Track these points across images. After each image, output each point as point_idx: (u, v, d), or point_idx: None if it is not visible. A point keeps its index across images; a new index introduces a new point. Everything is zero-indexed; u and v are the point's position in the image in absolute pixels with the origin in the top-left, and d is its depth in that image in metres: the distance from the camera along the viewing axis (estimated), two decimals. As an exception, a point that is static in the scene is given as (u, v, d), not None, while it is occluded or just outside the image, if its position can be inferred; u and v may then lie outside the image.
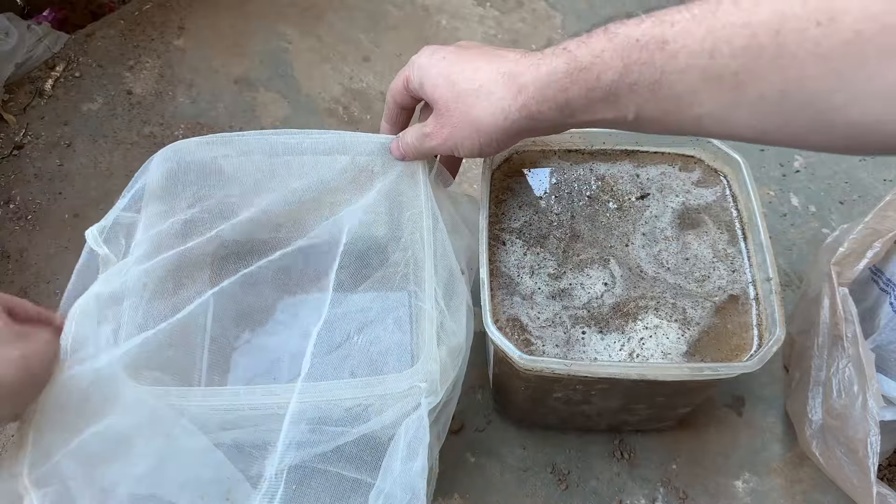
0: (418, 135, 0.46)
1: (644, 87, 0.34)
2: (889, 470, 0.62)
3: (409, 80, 0.45)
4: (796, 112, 0.31)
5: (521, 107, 0.38)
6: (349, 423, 0.42)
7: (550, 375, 0.48)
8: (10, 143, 0.82)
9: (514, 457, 0.64)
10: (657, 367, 0.48)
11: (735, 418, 0.66)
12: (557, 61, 0.36)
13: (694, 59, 0.32)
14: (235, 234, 0.53)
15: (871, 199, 0.78)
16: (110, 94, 0.87)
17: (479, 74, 0.40)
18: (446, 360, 0.44)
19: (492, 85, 0.39)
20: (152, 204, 0.49)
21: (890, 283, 0.57)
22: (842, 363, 0.54)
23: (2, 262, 0.74)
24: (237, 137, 0.51)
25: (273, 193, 0.52)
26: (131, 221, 0.48)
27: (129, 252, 0.47)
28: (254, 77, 0.89)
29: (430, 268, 0.47)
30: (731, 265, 0.53)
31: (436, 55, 0.43)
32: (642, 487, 0.62)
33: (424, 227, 0.48)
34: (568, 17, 0.96)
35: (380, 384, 0.41)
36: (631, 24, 0.34)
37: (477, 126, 0.41)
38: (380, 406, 0.42)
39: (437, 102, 0.42)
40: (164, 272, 0.49)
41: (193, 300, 0.48)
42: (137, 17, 0.94)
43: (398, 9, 0.96)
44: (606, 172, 0.58)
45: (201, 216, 0.51)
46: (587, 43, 0.36)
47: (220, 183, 0.52)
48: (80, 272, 0.46)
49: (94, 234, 0.46)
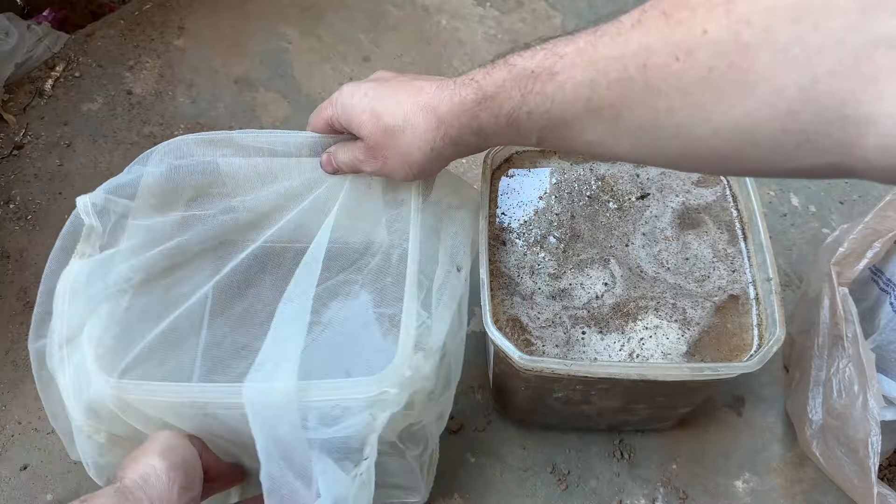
0: (352, 158, 0.48)
1: (539, 115, 0.37)
2: (889, 470, 0.62)
3: (334, 119, 0.47)
4: (668, 141, 0.33)
5: (444, 136, 0.42)
6: (320, 424, 0.42)
7: (550, 375, 0.48)
8: (10, 143, 0.82)
9: (514, 457, 0.63)
10: (657, 367, 0.48)
11: (735, 418, 0.66)
12: (467, 91, 0.39)
13: (578, 90, 0.34)
14: (230, 233, 0.53)
15: (871, 199, 0.78)
16: (110, 94, 0.86)
17: (401, 109, 0.42)
18: (422, 363, 0.43)
19: (414, 118, 0.42)
20: (148, 197, 0.50)
21: (890, 283, 0.57)
22: (842, 363, 0.54)
23: (2, 262, 0.74)
24: (235, 136, 0.51)
25: (271, 194, 0.52)
26: (124, 208, 0.48)
27: (120, 239, 0.47)
28: (254, 77, 0.89)
29: (413, 268, 0.47)
30: (731, 265, 0.53)
31: (357, 93, 0.45)
32: (642, 487, 0.62)
33: (412, 228, 0.49)
34: (568, 17, 0.96)
35: (350, 387, 0.41)
36: (527, 55, 0.37)
37: (406, 157, 0.44)
38: (346, 411, 0.42)
39: (366, 138, 0.45)
40: (156, 268, 0.49)
41: (185, 298, 0.48)
42: (137, 17, 0.94)
43: (398, 9, 0.96)
44: (606, 172, 0.58)
45: (196, 214, 0.51)
46: (491, 74, 0.38)
47: (217, 182, 0.52)
48: (65, 237, 0.47)
49: (87, 202, 0.47)
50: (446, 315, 0.47)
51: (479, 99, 0.39)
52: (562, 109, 0.35)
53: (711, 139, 0.31)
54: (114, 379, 0.41)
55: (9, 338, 0.69)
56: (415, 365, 0.43)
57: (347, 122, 0.46)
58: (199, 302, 0.49)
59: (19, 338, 0.69)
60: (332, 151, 0.50)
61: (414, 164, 0.44)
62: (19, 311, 0.71)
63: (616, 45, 0.32)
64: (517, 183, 0.57)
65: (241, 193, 0.52)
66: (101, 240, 0.47)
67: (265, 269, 0.55)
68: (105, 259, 0.47)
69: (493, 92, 0.38)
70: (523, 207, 0.56)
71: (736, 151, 0.30)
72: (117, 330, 0.46)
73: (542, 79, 0.35)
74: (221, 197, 0.52)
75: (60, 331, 0.43)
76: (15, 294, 0.72)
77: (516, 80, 0.37)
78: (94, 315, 0.44)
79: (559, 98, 0.35)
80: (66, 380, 0.42)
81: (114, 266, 0.47)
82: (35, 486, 0.62)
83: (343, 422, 0.42)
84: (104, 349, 0.44)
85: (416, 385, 0.43)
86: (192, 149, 0.51)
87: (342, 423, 0.42)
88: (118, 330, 0.46)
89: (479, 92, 0.39)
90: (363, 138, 0.45)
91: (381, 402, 0.41)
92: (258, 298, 0.54)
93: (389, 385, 0.41)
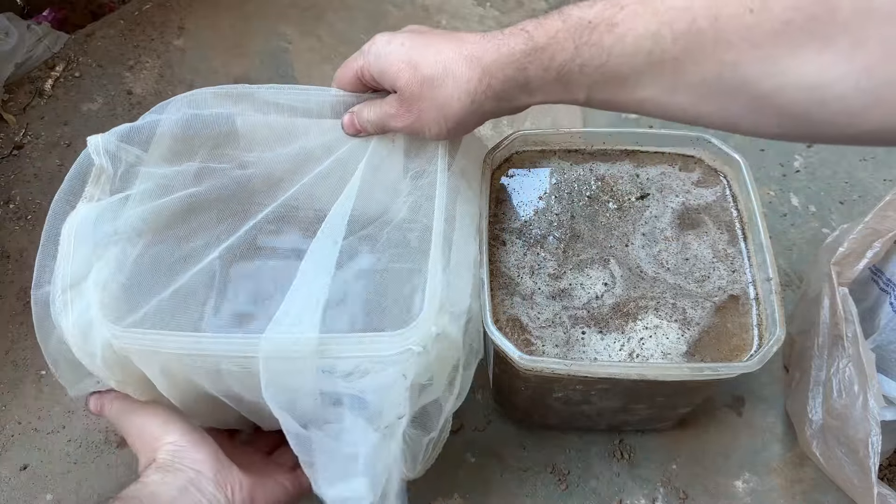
0: (381, 114, 0.45)
1: (592, 69, 0.35)
2: (889, 470, 0.62)
3: (364, 69, 0.44)
4: (731, 96, 0.31)
5: (487, 87, 0.39)
6: (342, 379, 0.41)
7: (550, 375, 0.48)
8: (10, 143, 0.82)
9: (514, 457, 0.63)
10: (657, 367, 0.48)
11: (735, 418, 0.66)
12: (516, 41, 0.37)
13: (639, 42, 0.32)
14: (244, 190, 0.51)
15: (871, 199, 0.78)
16: (110, 94, 0.87)
17: (442, 57, 0.39)
18: (448, 324, 0.41)
19: (456, 68, 0.39)
20: (162, 146, 0.48)
21: (890, 283, 0.57)
22: (842, 363, 0.54)
23: (2, 262, 0.74)
24: (255, 91, 0.49)
25: (286, 155, 0.50)
26: (135, 158, 0.47)
27: (129, 186, 0.46)
28: (254, 77, 0.89)
29: (439, 228, 0.45)
30: (731, 265, 0.53)
31: (393, 42, 0.42)
32: (642, 487, 0.62)
33: (437, 187, 0.46)
34: (568, 17, 0.96)
35: (373, 342, 0.39)
36: (584, 5, 0.35)
37: (444, 110, 0.41)
38: (368, 368, 0.40)
39: (401, 89, 0.42)
40: (167, 218, 0.47)
41: (198, 253, 0.46)
42: (137, 17, 0.94)
43: (398, 9, 0.96)
44: (606, 172, 0.58)
45: (210, 167, 0.49)
46: (543, 24, 0.36)
47: (232, 137, 0.50)
48: (73, 179, 0.45)
49: (98, 142, 0.45)
50: (468, 279, 0.45)
51: (528, 50, 0.36)
52: (619, 63, 0.34)
53: (777, 96, 0.29)
54: (119, 328, 0.40)
55: (9, 338, 0.69)
56: (441, 323, 0.41)
57: (381, 72, 0.43)
58: (212, 259, 0.47)
59: (19, 338, 0.69)
60: (356, 111, 0.47)
61: (451, 117, 0.41)
62: (19, 311, 0.71)
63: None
64: (517, 183, 0.57)
65: (256, 150, 0.50)
66: (111, 183, 0.45)
67: (282, 228, 0.53)
68: (115, 203, 0.45)
69: (544, 43, 0.36)
70: (523, 207, 0.56)
71: (802, 111, 0.29)
72: (124, 279, 0.44)
73: (599, 30, 0.34)
74: (237, 152, 0.50)
75: (65, 274, 0.41)
76: (15, 294, 0.72)
77: (571, 30, 0.35)
78: (101, 259, 0.42)
79: (617, 51, 0.33)
80: (69, 324, 0.41)
81: (124, 211, 0.45)
82: (35, 486, 0.62)
83: (366, 379, 0.40)
84: (110, 297, 0.42)
85: (444, 352, 0.41)
86: (210, 101, 0.49)
87: (364, 381, 0.40)
88: (125, 279, 0.44)
89: (528, 42, 0.36)
90: (398, 90, 0.42)
91: (405, 360, 0.39)
92: (273, 257, 0.52)
93: (414, 342, 0.39)
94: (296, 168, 0.50)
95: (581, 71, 0.35)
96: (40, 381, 0.67)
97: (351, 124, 0.47)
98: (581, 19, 0.34)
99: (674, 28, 0.31)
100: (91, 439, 0.63)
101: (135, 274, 0.45)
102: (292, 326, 0.39)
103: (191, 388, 0.44)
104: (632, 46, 0.33)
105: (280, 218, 0.51)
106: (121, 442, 0.63)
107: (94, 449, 0.63)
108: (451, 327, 0.42)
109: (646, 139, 0.58)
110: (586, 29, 0.34)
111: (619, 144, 0.59)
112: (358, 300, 0.49)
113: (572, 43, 0.35)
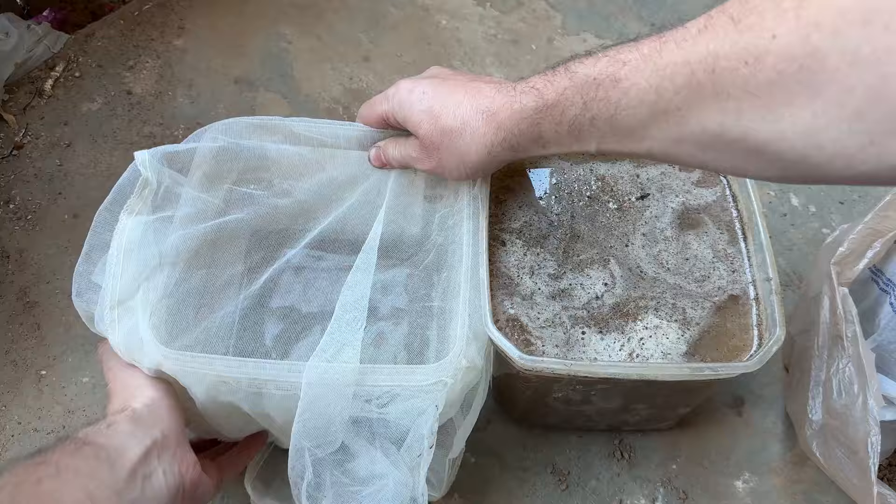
0: (404, 155, 0.48)
1: (602, 122, 0.37)
2: (889, 470, 0.62)
3: (389, 115, 0.47)
4: (733, 145, 0.33)
5: (503, 140, 0.42)
6: (375, 407, 0.44)
7: (550, 375, 0.48)
8: (10, 143, 0.82)
9: (514, 457, 0.63)
10: (657, 367, 0.48)
11: (735, 418, 0.66)
12: (527, 99, 0.40)
13: (643, 96, 0.34)
14: (275, 219, 0.54)
15: (871, 199, 0.78)
16: (110, 94, 0.86)
17: (460, 111, 0.43)
18: (475, 355, 0.45)
19: (473, 122, 0.42)
20: (200, 174, 0.50)
21: (890, 283, 0.57)
22: (842, 363, 0.54)
23: (2, 262, 0.74)
24: (287, 123, 0.52)
25: (315, 184, 0.53)
26: (171, 179, 0.49)
27: (168, 206, 0.48)
28: (254, 77, 0.89)
29: (466, 268, 0.48)
30: (731, 265, 0.53)
31: (415, 91, 0.45)
32: (642, 487, 0.62)
33: (464, 229, 0.50)
34: (568, 17, 0.96)
35: (408, 374, 0.43)
36: (589, 62, 0.37)
37: (463, 159, 0.44)
38: (402, 397, 0.43)
39: (422, 138, 0.45)
40: (201, 245, 0.50)
41: (231, 283, 0.50)
42: (137, 17, 0.94)
43: (398, 9, 0.96)
44: (606, 172, 0.58)
45: (241, 197, 0.52)
46: (552, 82, 0.39)
47: (263, 166, 0.53)
48: (117, 192, 0.47)
49: (145, 157, 0.47)
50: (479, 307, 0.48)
51: (539, 107, 0.39)
52: (626, 115, 0.36)
53: (777, 142, 0.31)
54: (171, 350, 0.42)
55: (9, 338, 0.69)
56: (470, 356, 0.44)
57: (404, 119, 0.46)
58: (247, 284, 0.51)
59: (19, 338, 0.69)
60: (382, 146, 0.51)
61: (469, 165, 0.45)
62: (19, 311, 0.71)
63: (682, 50, 0.33)
64: (517, 183, 0.57)
65: (287, 180, 0.53)
66: (153, 198, 0.47)
67: (317, 256, 0.56)
68: (159, 221, 0.47)
69: (554, 100, 0.39)
70: (523, 207, 0.56)
71: (800, 156, 0.31)
72: (171, 302, 0.46)
73: (605, 85, 0.36)
74: (268, 182, 0.53)
75: (113, 292, 0.43)
76: (15, 294, 0.72)
77: (578, 87, 0.37)
78: (149, 281, 0.45)
79: (623, 104, 0.36)
80: (116, 340, 0.43)
81: (167, 233, 0.47)
82: (35, 486, 0.62)
83: (399, 408, 0.43)
84: (159, 319, 0.44)
85: (469, 380, 0.45)
86: (244, 131, 0.51)
87: (398, 410, 0.43)
88: (172, 302, 0.47)
89: (539, 100, 0.39)
90: (419, 137, 0.45)
91: (438, 390, 0.43)
92: (310, 288, 0.56)
93: (447, 375, 0.42)
94: (325, 196, 0.53)
95: (591, 124, 0.38)
96: (40, 381, 0.67)
97: (377, 158, 0.51)
98: (587, 76, 0.37)
99: (674, 81, 0.33)
100: (91, 439, 0.64)
101: (180, 298, 0.47)
102: (335, 356, 0.43)
103: (227, 406, 0.46)
104: (636, 100, 0.35)
105: (315, 246, 0.54)
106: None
107: (94, 449, 0.63)
108: (477, 358, 0.45)
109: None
110: (592, 85, 0.37)
111: (619, 144, 0.59)
112: (393, 333, 0.53)
113: (581, 98, 0.37)
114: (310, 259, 0.56)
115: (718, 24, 0.31)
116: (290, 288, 0.55)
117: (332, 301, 0.46)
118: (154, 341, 0.42)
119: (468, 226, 0.50)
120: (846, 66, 0.27)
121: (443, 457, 0.51)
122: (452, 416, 0.49)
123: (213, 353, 0.44)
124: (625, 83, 0.35)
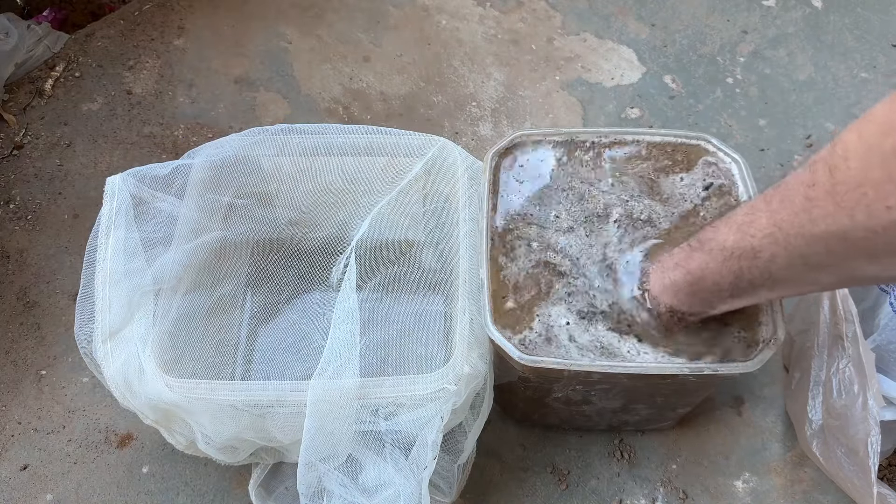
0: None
1: (763, 284, 0.40)
2: (889, 470, 0.62)
3: None
4: (866, 272, 0.36)
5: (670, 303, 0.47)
6: (378, 417, 0.44)
7: (550, 375, 0.48)
8: (10, 143, 0.82)
9: (514, 457, 0.63)
10: (657, 366, 0.48)
11: (735, 418, 0.66)
12: (676, 275, 0.45)
13: (792, 260, 0.37)
14: (271, 230, 0.54)
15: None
16: (110, 94, 0.87)
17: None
18: (477, 361, 0.45)
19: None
20: (195, 193, 0.50)
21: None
22: (842, 363, 0.54)
23: (2, 262, 0.74)
24: (280, 135, 0.52)
25: (310, 192, 0.53)
26: (152, 197, 0.49)
27: (160, 228, 0.48)
28: (254, 77, 0.89)
29: (465, 267, 0.48)
30: (731, 265, 0.53)
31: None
32: (642, 487, 0.62)
33: (461, 233, 0.50)
34: (568, 16, 0.96)
35: (410, 384, 0.42)
36: (720, 236, 0.41)
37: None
38: (406, 408, 0.43)
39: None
40: (200, 263, 0.50)
41: (230, 300, 0.49)
42: (137, 17, 0.94)
43: (398, 9, 0.96)
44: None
45: (238, 209, 0.53)
46: (692, 257, 0.44)
47: (259, 180, 0.53)
48: (105, 219, 0.47)
49: (116, 181, 0.47)
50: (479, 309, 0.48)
51: (691, 281, 0.44)
52: (783, 276, 0.39)
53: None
54: (174, 378, 0.42)
55: (9, 338, 0.69)
56: (472, 362, 0.44)
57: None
58: (245, 303, 0.51)
59: (19, 338, 0.69)
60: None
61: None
62: (19, 311, 0.71)
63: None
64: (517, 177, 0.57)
65: (282, 190, 0.54)
66: (133, 220, 0.47)
67: (312, 263, 0.56)
68: (145, 244, 0.47)
69: (699, 275, 0.43)
70: (523, 207, 0.56)
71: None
72: (170, 327, 0.46)
73: (745, 258, 0.40)
74: (263, 194, 0.54)
75: (103, 326, 0.43)
76: (15, 294, 0.72)
77: (718, 262, 0.41)
78: (140, 309, 0.45)
79: (775, 268, 0.38)
80: (111, 373, 0.43)
81: (161, 257, 0.47)
82: (35, 486, 0.62)
83: (404, 418, 0.43)
84: (157, 345, 0.44)
85: (472, 385, 0.45)
86: (237, 145, 0.52)
87: (403, 421, 0.43)
88: (171, 327, 0.46)
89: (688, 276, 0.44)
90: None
91: (442, 398, 0.43)
92: (305, 301, 0.56)
93: (449, 381, 0.42)
94: (322, 204, 0.54)
95: (752, 284, 0.41)
96: (40, 381, 0.67)
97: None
98: (723, 250, 0.41)
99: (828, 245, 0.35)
100: (91, 439, 0.64)
101: (178, 323, 0.47)
102: (335, 374, 0.43)
103: (232, 429, 0.45)
104: (786, 263, 0.38)
105: (312, 252, 0.55)
106: (121, 442, 0.63)
107: (94, 449, 0.63)
108: (479, 363, 0.45)
109: (647, 133, 0.58)
110: (731, 258, 0.40)
111: (620, 138, 0.58)
112: (390, 344, 0.53)
113: (730, 273, 0.41)
114: (308, 266, 0.56)
115: (819, 195, 0.33)
116: (290, 307, 0.55)
117: (330, 316, 0.46)
118: (156, 370, 0.42)
119: (466, 227, 0.50)
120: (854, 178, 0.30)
121: (453, 462, 0.51)
122: (462, 421, 0.49)
123: (216, 379, 0.44)
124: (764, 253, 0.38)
